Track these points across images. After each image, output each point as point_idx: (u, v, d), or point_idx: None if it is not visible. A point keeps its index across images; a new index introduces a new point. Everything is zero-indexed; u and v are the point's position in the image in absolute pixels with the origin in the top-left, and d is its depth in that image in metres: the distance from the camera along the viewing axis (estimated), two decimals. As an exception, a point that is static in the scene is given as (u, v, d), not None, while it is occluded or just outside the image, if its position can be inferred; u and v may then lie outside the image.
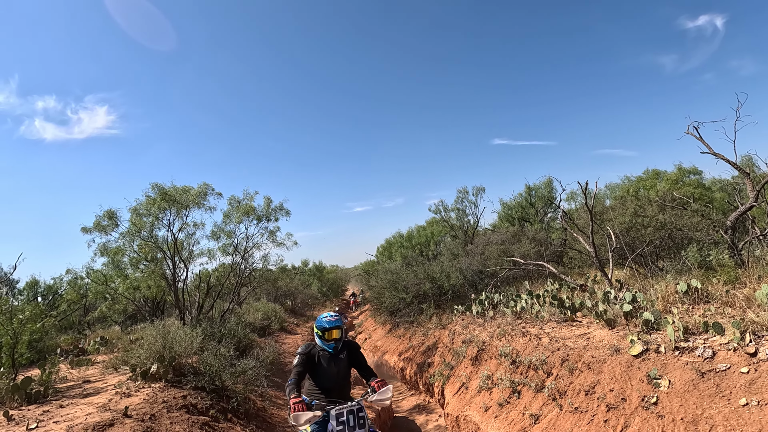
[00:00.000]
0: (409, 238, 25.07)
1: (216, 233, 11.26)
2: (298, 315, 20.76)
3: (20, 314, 7.16)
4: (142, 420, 5.08)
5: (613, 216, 10.15)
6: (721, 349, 4.15)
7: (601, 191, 19.43)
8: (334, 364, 3.84)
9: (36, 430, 4.81)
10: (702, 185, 14.97)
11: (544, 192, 18.44)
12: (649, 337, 4.98)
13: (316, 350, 3.83)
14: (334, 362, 3.84)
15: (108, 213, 9.87)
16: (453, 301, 11.96)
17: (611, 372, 4.85)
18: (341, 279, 42.25)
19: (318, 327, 3.87)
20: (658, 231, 8.94)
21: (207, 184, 10.46)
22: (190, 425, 5.38)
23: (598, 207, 10.35)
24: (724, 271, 6.93)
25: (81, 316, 16.90)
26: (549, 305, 7.75)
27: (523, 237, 14.22)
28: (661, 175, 16.88)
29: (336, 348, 3.86)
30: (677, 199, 10.22)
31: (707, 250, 7.95)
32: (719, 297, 5.61)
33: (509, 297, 9.49)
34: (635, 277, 8.67)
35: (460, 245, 16.79)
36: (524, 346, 6.80)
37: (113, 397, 6.01)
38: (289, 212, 11.71)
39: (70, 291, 14.78)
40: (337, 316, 3.93)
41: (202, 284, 11.41)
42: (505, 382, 6.41)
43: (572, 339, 6.14)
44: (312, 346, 3.86)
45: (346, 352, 3.95)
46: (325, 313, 4.01)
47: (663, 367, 4.37)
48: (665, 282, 6.82)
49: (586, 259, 11.39)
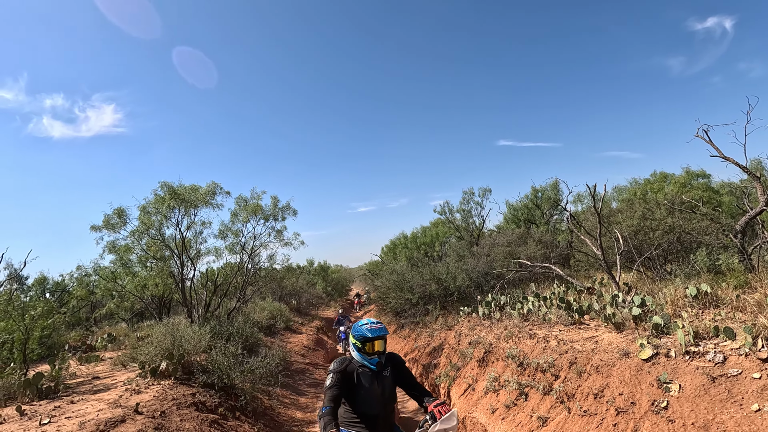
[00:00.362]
0: (414, 239, 25.08)
1: (223, 232, 11.34)
2: (303, 314, 20.83)
3: (32, 311, 7.24)
4: (153, 417, 5.14)
5: (621, 219, 10.12)
6: (732, 354, 4.14)
7: (608, 194, 19.36)
8: (378, 383, 3.07)
9: (48, 426, 4.87)
10: (710, 188, 14.88)
11: (550, 194, 18.40)
12: (659, 341, 4.96)
13: (354, 367, 3.06)
14: (377, 382, 3.07)
15: (117, 211, 9.98)
16: (459, 302, 11.96)
17: (620, 376, 4.84)
18: (345, 279, 42.35)
19: (357, 337, 3.09)
20: (667, 234, 8.90)
21: (216, 183, 10.54)
22: (200, 423, 5.43)
23: (605, 210, 10.32)
24: (733, 275, 6.90)
25: (88, 312, 17.07)
26: (556, 308, 7.73)
27: (529, 239, 14.21)
28: (669, 178, 16.79)
29: (380, 363, 3.09)
30: (686, 202, 10.17)
31: (716, 254, 7.92)
32: (729, 301, 5.58)
33: (516, 299, 9.48)
34: (643, 280, 8.64)
35: (466, 246, 16.78)
36: (531, 349, 6.80)
37: (123, 393, 6.07)
38: (296, 212, 11.78)
39: (78, 288, 14.92)
40: (380, 323, 3.18)
41: (209, 283, 11.49)
42: (512, 384, 6.41)
43: (580, 342, 6.13)
44: (347, 362, 3.09)
45: (389, 367, 3.20)
46: (363, 319, 3.28)
47: (673, 371, 4.36)
48: (674, 286, 6.80)
49: (593, 261, 11.37)
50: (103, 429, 4.64)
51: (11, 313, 7.32)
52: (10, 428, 4.83)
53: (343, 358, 3.12)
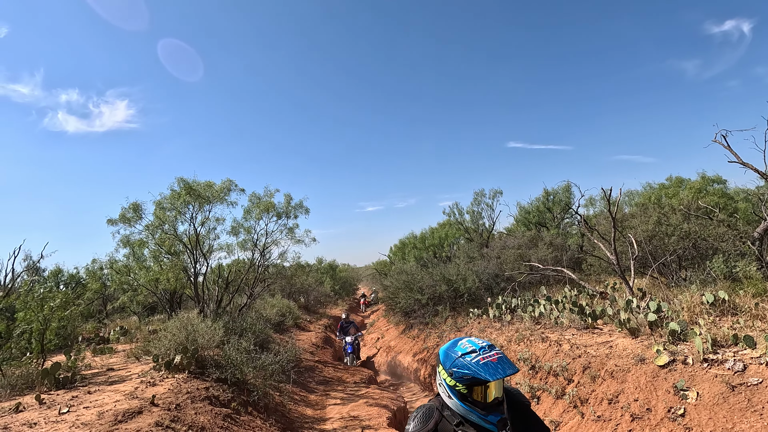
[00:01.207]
0: (423, 240, 25.05)
1: (236, 228, 11.42)
2: (311, 312, 20.93)
3: (51, 302, 7.38)
4: (169, 409, 5.21)
5: (636, 223, 10.02)
6: (752, 362, 4.09)
7: (622, 198, 19.15)
8: None
9: (68, 415, 4.96)
10: (726, 195, 14.66)
11: (562, 197, 18.26)
12: (676, 347, 4.92)
13: (449, 428, 1.73)
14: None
15: (133, 205, 10.11)
16: (469, 304, 11.94)
17: (636, 381, 4.81)
18: (353, 278, 42.43)
19: (458, 375, 1.69)
20: (683, 240, 8.80)
21: (231, 180, 10.63)
22: (214, 416, 5.50)
23: (619, 214, 10.20)
24: (751, 283, 6.80)
25: (101, 305, 17.33)
26: (569, 311, 7.69)
27: (540, 242, 14.12)
28: (684, 183, 16.57)
29: (504, 422, 1.70)
30: (702, 208, 10.04)
31: (733, 261, 7.81)
32: (748, 309, 5.51)
33: (527, 302, 9.44)
34: (657, 286, 8.55)
35: (476, 248, 16.73)
36: (544, 352, 6.77)
37: (139, 385, 6.16)
38: (309, 210, 11.81)
39: (92, 280, 15.16)
40: (494, 348, 1.73)
41: (220, 279, 11.59)
42: (524, 387, 6.39)
43: (594, 347, 6.10)
44: (437, 417, 1.76)
45: (512, 415, 1.84)
46: (463, 338, 1.82)
47: (691, 378, 4.32)
48: (690, 292, 6.72)
49: (606, 266, 11.26)
50: (122, 419, 4.72)
51: (30, 303, 7.46)
52: (30, 416, 4.93)
53: (428, 409, 1.79)
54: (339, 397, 8.62)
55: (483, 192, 19.62)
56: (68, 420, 4.74)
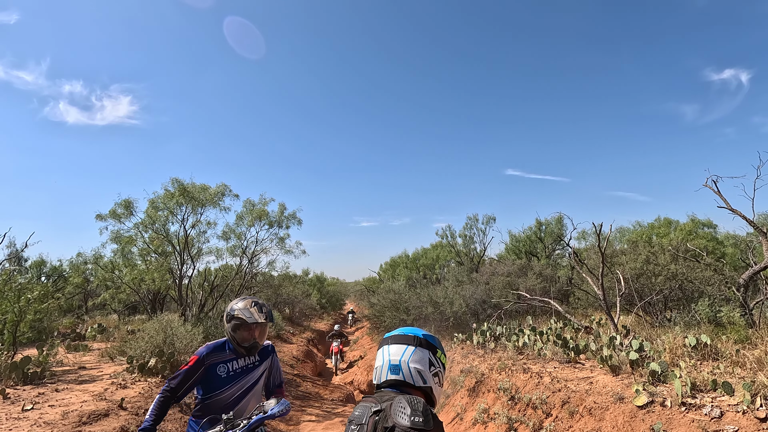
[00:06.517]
0: (415, 260, 25.01)
1: (227, 233, 11.37)
2: (296, 324, 20.64)
3: (29, 293, 7.23)
4: (137, 414, 5.06)
5: (625, 260, 10.08)
6: (729, 410, 4.07)
7: (612, 234, 19.32)
8: None
9: (31, 412, 4.81)
10: (715, 239, 14.85)
11: (554, 228, 18.39)
12: (655, 389, 4.89)
13: None
14: None
15: (125, 202, 10.05)
16: (454, 328, 11.85)
17: (614, 420, 4.76)
18: (340, 293, 42.03)
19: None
20: (669, 281, 8.86)
21: (225, 185, 10.63)
22: (183, 424, 5.35)
23: (608, 250, 10.28)
24: (734, 329, 6.83)
25: (81, 301, 16.99)
26: (552, 344, 7.65)
27: (530, 271, 14.14)
28: (673, 224, 16.79)
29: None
30: (690, 250, 10.14)
31: (718, 305, 7.85)
32: (729, 355, 5.52)
33: (512, 330, 9.38)
34: (641, 324, 8.55)
35: (465, 272, 16.71)
36: (524, 383, 6.70)
37: (109, 387, 6.00)
38: (301, 221, 11.80)
39: (75, 274, 14.89)
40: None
41: (206, 283, 11.46)
42: (501, 418, 6.29)
43: (574, 381, 6.04)
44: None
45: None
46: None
47: (668, 421, 4.28)
48: (673, 333, 6.72)
49: (592, 300, 11.27)
50: (86, 421, 4.58)
51: (7, 293, 7.30)
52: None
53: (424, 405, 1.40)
54: (315, 414, 8.44)
55: (476, 217, 19.74)
56: (30, 418, 4.59)
